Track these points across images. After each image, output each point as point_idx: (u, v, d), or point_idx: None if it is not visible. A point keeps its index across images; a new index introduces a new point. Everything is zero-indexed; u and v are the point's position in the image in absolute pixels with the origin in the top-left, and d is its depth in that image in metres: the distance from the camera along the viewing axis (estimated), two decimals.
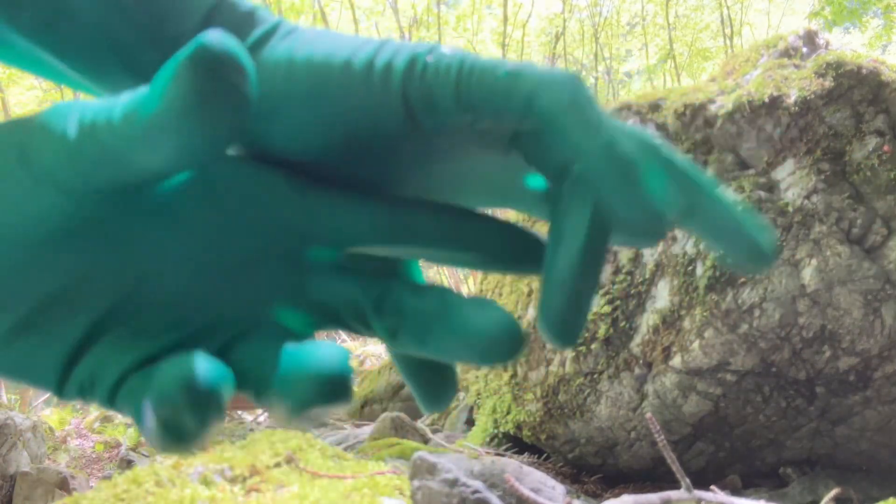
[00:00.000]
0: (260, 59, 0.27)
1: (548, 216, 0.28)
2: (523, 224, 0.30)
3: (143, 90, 0.21)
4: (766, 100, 2.11)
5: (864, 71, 2.07)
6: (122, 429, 6.40)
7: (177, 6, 0.27)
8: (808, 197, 1.98)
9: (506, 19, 11.32)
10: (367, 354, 5.72)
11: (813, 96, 2.06)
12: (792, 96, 2.09)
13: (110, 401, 0.25)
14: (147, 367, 0.24)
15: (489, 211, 0.31)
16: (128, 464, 4.00)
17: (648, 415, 1.38)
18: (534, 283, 2.54)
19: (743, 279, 1.95)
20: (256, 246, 0.28)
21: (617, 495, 1.58)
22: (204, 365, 0.21)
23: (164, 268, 0.26)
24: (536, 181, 0.29)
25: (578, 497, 2.06)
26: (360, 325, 0.28)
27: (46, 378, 0.26)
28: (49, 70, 0.30)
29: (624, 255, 2.22)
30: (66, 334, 0.25)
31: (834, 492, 1.40)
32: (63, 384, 0.26)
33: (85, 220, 0.24)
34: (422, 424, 2.98)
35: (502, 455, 2.43)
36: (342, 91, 0.26)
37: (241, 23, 0.27)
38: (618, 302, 2.20)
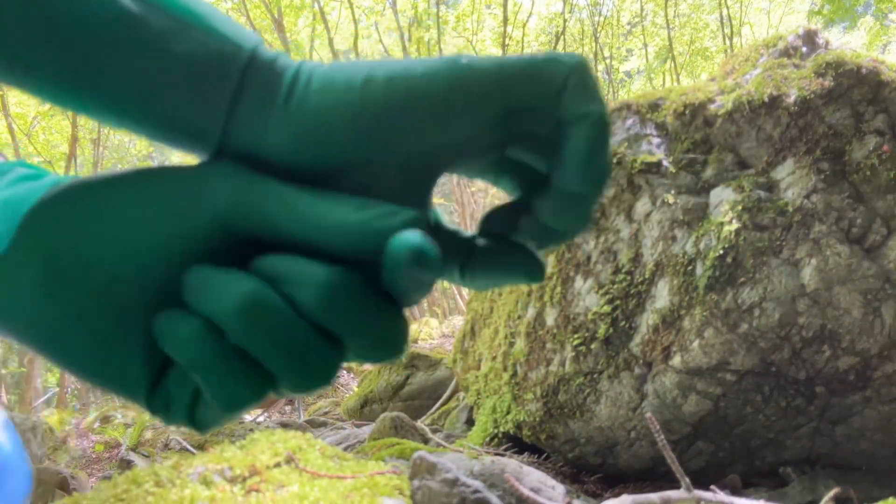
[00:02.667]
0: (302, 89, 0.32)
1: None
2: None
3: (359, 206, 0.30)
4: (766, 99, 2.11)
5: (863, 70, 2.07)
6: (122, 429, 6.39)
7: (217, 67, 0.32)
8: (807, 196, 1.98)
9: (506, 19, 11.31)
10: None
11: (813, 96, 2.06)
12: (792, 96, 2.09)
13: (192, 400, 0.31)
14: None
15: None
16: (128, 464, 3.99)
17: (648, 414, 1.38)
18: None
19: (743, 279, 1.95)
20: None
21: (617, 495, 1.58)
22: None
23: None
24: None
25: (578, 497, 2.06)
26: None
27: (137, 383, 0.31)
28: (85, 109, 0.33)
29: (624, 255, 2.22)
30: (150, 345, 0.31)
31: (834, 491, 1.40)
32: (152, 392, 0.31)
33: (212, 245, 0.31)
34: (422, 424, 2.98)
35: (502, 455, 2.42)
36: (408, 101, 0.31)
37: (272, 68, 0.33)
38: (618, 302, 2.20)
